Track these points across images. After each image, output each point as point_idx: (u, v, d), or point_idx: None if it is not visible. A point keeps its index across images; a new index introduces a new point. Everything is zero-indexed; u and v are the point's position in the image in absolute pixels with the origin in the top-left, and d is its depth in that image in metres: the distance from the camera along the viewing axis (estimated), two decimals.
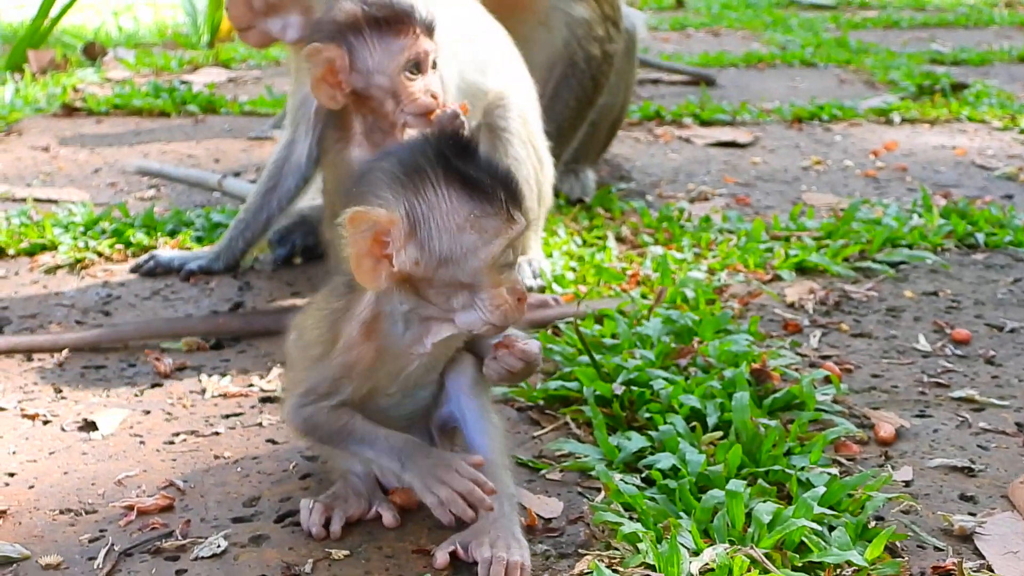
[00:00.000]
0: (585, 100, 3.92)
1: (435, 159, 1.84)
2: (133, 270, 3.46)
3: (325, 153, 2.87)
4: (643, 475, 2.19)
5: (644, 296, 3.09)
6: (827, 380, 2.58)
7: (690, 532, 1.93)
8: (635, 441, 2.27)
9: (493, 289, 1.85)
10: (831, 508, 2.00)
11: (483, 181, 1.84)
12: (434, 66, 2.63)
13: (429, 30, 2.60)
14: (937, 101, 5.88)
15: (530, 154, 3.15)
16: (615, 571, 1.86)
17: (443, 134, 1.94)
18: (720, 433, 2.31)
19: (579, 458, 2.27)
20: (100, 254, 3.60)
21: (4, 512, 2.12)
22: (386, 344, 1.94)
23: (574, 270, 3.36)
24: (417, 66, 2.59)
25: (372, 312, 1.93)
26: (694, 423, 2.33)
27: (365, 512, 2.05)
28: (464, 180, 1.84)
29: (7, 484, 2.24)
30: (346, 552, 1.96)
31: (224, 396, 2.62)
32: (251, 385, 2.66)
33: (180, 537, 2.02)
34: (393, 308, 1.92)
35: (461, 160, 1.85)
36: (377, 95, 2.62)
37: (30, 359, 2.83)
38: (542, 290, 3.18)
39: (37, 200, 4.23)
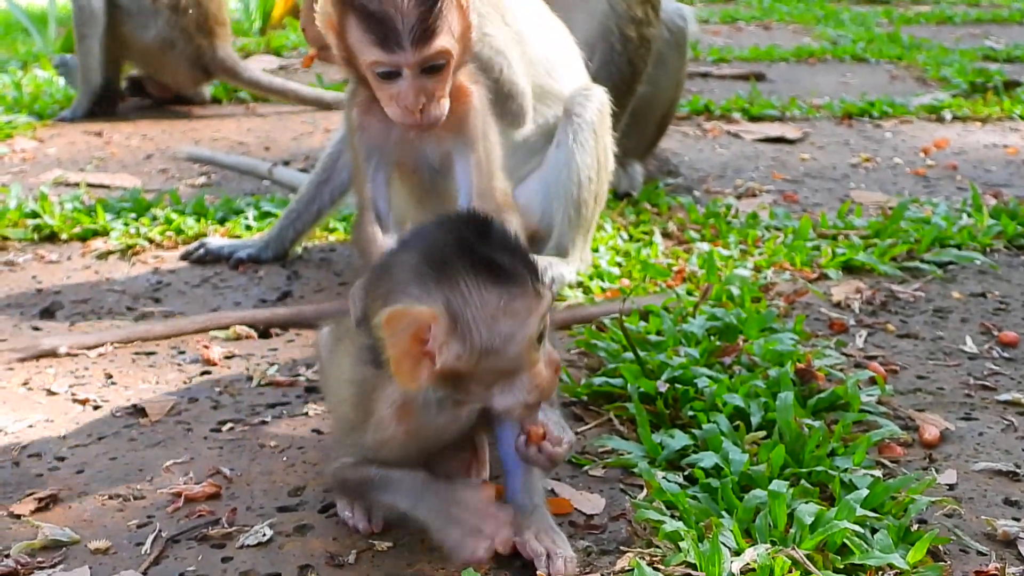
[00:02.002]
0: (623, 87, 3.85)
1: (460, 248, 1.76)
2: (183, 257, 3.50)
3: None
4: (685, 473, 2.19)
5: (689, 293, 3.09)
6: (872, 381, 2.57)
7: (732, 532, 1.93)
8: (678, 439, 2.28)
9: (532, 369, 1.79)
10: (874, 510, 1.99)
11: (506, 262, 1.76)
12: (433, 71, 2.19)
13: (422, 38, 2.15)
14: (989, 99, 5.84)
15: (596, 146, 3.12)
16: (656, 569, 1.86)
17: (461, 219, 1.82)
18: (764, 433, 2.31)
19: (622, 455, 2.27)
20: (151, 240, 3.65)
21: (54, 496, 2.15)
22: (418, 426, 1.89)
23: (620, 265, 3.36)
24: (389, 74, 2.19)
25: (403, 398, 1.86)
26: (738, 422, 2.33)
27: None
28: (490, 266, 1.75)
29: (57, 468, 2.27)
30: (389, 544, 1.98)
31: (271, 385, 2.64)
32: (298, 375, 2.69)
33: (226, 525, 2.04)
34: (425, 395, 1.85)
35: (483, 244, 1.76)
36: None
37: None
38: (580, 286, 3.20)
39: (90, 185, 4.29)
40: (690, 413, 2.39)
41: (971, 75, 6.30)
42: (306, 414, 2.49)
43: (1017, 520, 2.03)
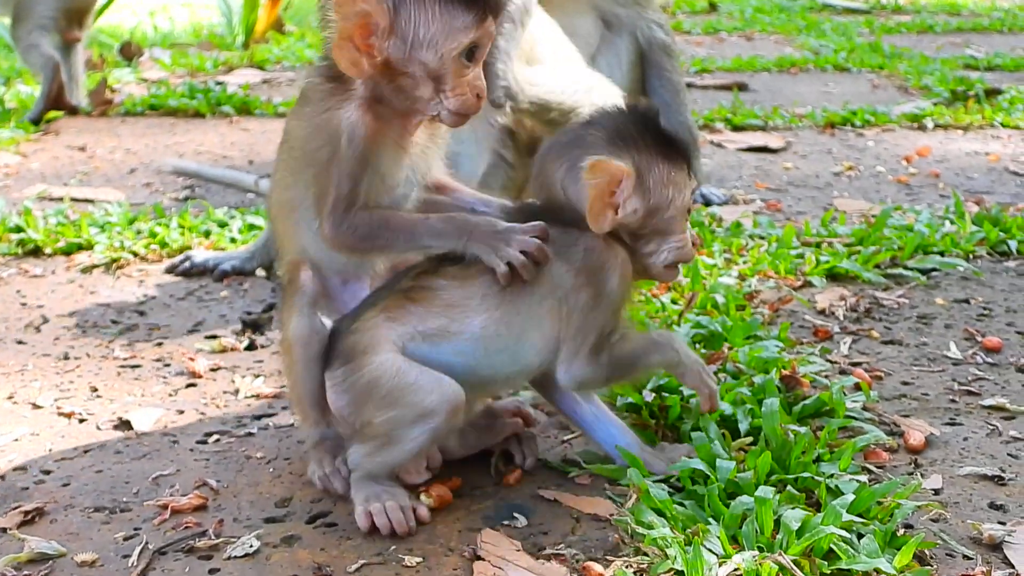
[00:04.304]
0: None
1: (643, 124, 2.15)
2: (168, 270, 3.50)
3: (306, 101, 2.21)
4: (671, 481, 2.19)
5: (674, 302, 3.09)
6: (857, 387, 2.57)
7: (719, 538, 1.93)
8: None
9: (682, 235, 2.18)
10: (860, 515, 2.00)
11: (674, 142, 2.18)
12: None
13: (498, 10, 2.10)
14: (971, 107, 5.87)
15: None
16: None
17: (641, 106, 2.21)
18: (750, 439, 2.31)
19: (608, 462, 2.28)
20: (136, 254, 3.65)
21: (40, 509, 2.14)
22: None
23: None
24: (473, 53, 2.05)
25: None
26: (724, 430, 2.34)
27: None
28: (665, 141, 2.16)
29: (43, 481, 2.27)
30: (376, 552, 1.98)
31: (257, 397, 2.64)
32: (284, 386, 2.68)
33: (213, 536, 2.04)
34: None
35: (658, 126, 2.17)
36: (415, 74, 2.04)
37: (67, 358, 2.86)
38: None
39: (74, 199, 4.28)
40: (676, 421, 2.40)
41: (952, 83, 6.34)
42: (292, 425, 2.49)
43: (1003, 524, 2.04)
